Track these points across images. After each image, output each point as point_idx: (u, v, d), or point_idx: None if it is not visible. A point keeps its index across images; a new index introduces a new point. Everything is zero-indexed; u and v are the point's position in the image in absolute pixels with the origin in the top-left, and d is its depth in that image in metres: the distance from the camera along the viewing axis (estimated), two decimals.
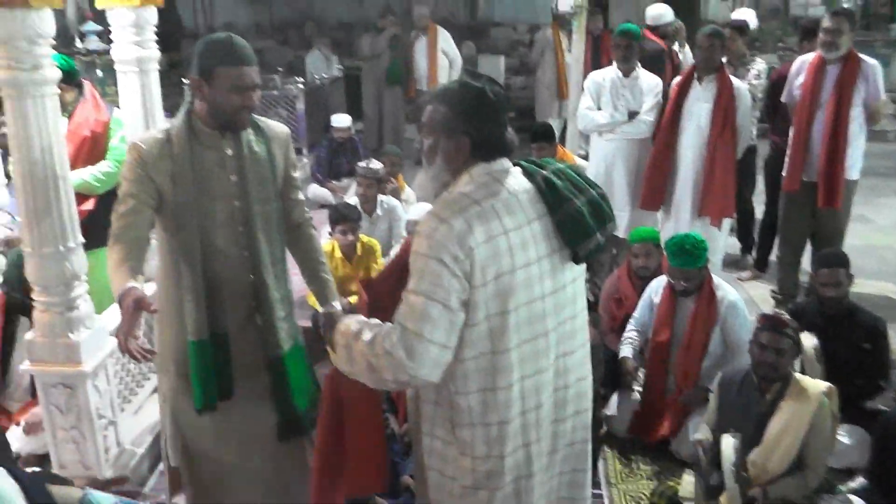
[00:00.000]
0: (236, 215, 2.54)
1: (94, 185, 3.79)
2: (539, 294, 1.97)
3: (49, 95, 2.82)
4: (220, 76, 2.38)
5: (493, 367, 1.95)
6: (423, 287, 1.87)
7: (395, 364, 1.87)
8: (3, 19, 2.65)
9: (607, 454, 3.83)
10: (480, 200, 1.91)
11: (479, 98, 1.98)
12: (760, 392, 3.22)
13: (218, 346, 2.53)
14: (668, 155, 4.96)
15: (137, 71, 3.77)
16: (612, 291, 4.38)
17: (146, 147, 2.43)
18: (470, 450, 2.01)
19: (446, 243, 1.85)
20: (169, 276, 2.55)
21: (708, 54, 4.78)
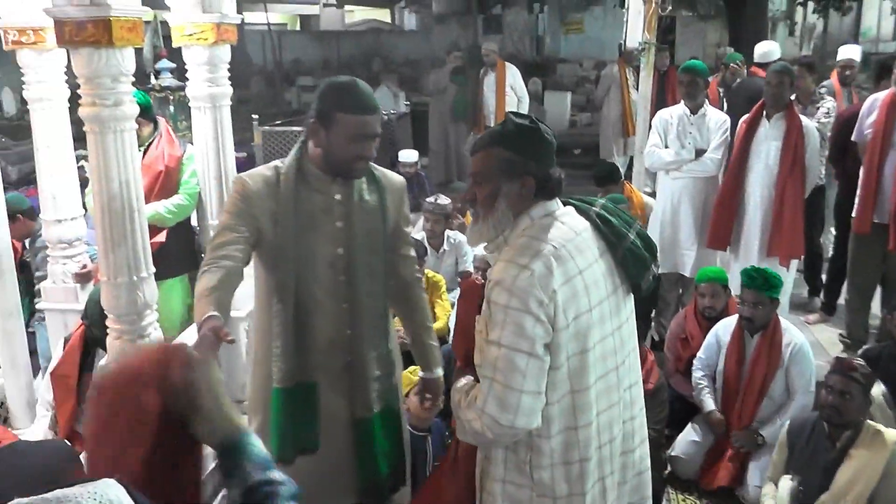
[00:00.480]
0: (338, 264, 2.43)
1: (167, 217, 3.96)
2: (609, 330, 2.01)
3: (128, 130, 2.92)
4: (339, 122, 2.30)
5: (574, 406, 1.96)
6: (507, 339, 1.86)
7: (491, 421, 1.86)
8: (89, 58, 2.76)
9: (671, 495, 3.75)
10: (553, 242, 1.92)
11: (538, 136, 2.01)
12: (830, 439, 3.12)
13: (304, 396, 2.41)
14: (735, 193, 4.89)
15: (211, 107, 3.90)
16: (679, 331, 4.32)
17: (252, 183, 2.38)
18: (550, 491, 2.01)
19: (530, 289, 1.84)
20: (263, 316, 2.47)
21: (777, 91, 4.71)
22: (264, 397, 2.47)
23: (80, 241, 4.05)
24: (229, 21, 3.81)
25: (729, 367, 3.85)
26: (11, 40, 3.64)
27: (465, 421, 1.96)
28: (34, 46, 3.65)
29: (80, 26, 2.70)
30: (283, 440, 2.40)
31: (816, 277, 6.03)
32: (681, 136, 5.11)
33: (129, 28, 2.80)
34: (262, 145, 9.32)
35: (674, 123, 5.16)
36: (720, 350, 3.94)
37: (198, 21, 3.71)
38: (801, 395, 3.70)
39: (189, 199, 4.05)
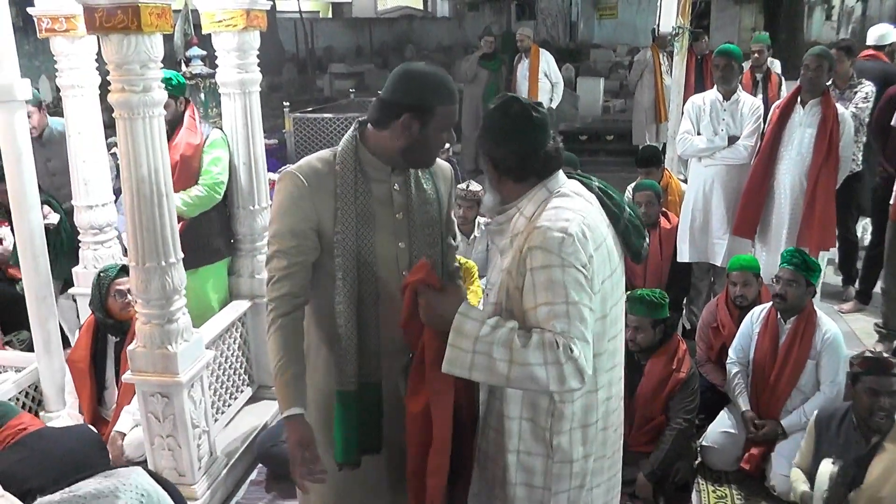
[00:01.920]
0: (400, 259, 2.31)
1: (183, 209, 3.78)
2: (620, 295, 2.13)
3: (157, 116, 2.95)
4: (438, 115, 2.17)
5: (596, 368, 1.99)
6: (574, 296, 1.87)
7: (575, 372, 1.83)
8: (118, 44, 2.78)
9: (701, 486, 3.72)
10: (581, 211, 1.98)
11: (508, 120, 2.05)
12: (862, 432, 3.06)
13: (368, 398, 2.30)
14: (765, 181, 4.79)
15: (240, 93, 3.92)
16: (710, 320, 4.27)
17: (305, 179, 2.20)
18: (568, 455, 2.07)
19: (576, 254, 1.89)
20: (322, 315, 2.32)
21: (815, 75, 4.59)
22: (318, 398, 2.36)
23: (110, 226, 4.09)
24: (259, 7, 3.82)
25: (760, 352, 3.80)
26: (45, 28, 3.69)
27: (520, 362, 1.85)
28: (66, 34, 3.69)
29: (110, 13, 2.72)
30: (348, 444, 2.29)
31: (851, 266, 5.92)
32: (713, 122, 5.02)
33: (157, 14, 2.82)
34: (294, 132, 9.38)
35: (706, 110, 5.06)
36: (753, 338, 3.89)
37: (228, 7, 3.73)
38: (826, 386, 3.64)
39: (209, 189, 3.92)
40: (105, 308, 3.62)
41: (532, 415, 2.06)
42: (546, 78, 9.07)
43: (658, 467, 3.54)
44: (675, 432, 3.58)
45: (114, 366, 3.70)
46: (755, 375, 3.83)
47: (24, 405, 3.77)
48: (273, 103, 11.62)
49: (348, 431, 2.28)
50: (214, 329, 3.83)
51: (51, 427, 3.03)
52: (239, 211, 4.14)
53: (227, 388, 4.02)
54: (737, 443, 3.78)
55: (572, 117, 12.50)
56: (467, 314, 1.97)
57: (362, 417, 2.29)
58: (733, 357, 3.95)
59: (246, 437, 3.89)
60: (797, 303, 3.71)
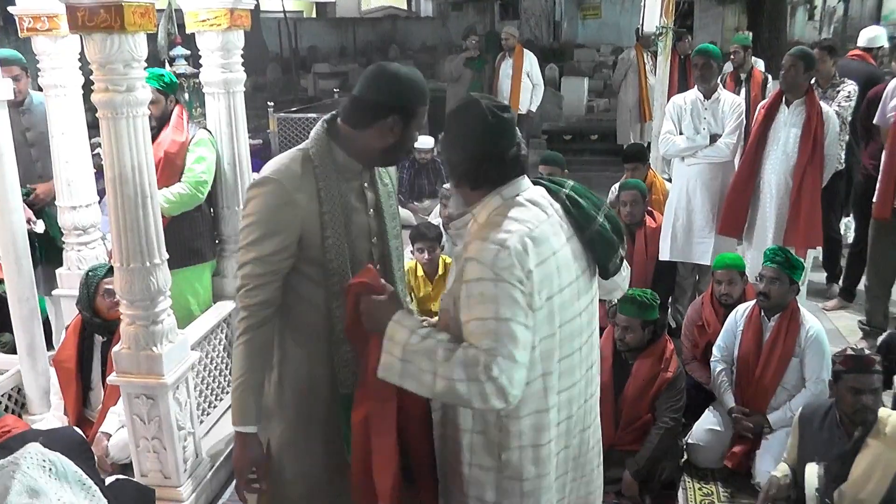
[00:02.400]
0: (374, 254, 2.34)
1: (165, 206, 3.74)
2: (577, 311, 2.01)
3: (141, 116, 2.93)
4: (419, 115, 2.21)
5: (545, 387, 1.95)
6: (505, 312, 1.80)
7: (496, 392, 1.77)
8: (101, 44, 2.76)
9: (687, 483, 3.74)
10: (528, 223, 1.90)
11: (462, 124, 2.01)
12: (844, 428, 3.08)
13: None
14: (751, 180, 4.82)
15: (224, 93, 3.90)
16: (695, 318, 4.29)
17: (288, 183, 2.15)
18: (518, 473, 1.99)
19: (511, 268, 1.81)
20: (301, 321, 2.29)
21: (790, 75, 4.64)
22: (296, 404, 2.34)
23: (94, 227, 4.06)
24: (243, 6, 3.81)
25: (744, 349, 3.82)
26: (27, 27, 3.66)
27: (443, 377, 1.82)
28: (49, 33, 3.66)
29: (93, 12, 2.70)
30: None
31: (835, 264, 5.97)
32: (695, 121, 5.05)
33: (141, 13, 2.80)
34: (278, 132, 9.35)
35: (688, 109, 5.09)
36: (738, 336, 3.91)
37: (211, 7, 3.72)
38: (811, 383, 3.66)
39: (192, 187, 3.89)
40: (93, 308, 3.59)
41: (483, 427, 2.00)
42: (528, 78, 9.08)
43: (644, 466, 3.55)
44: (662, 431, 3.59)
45: (100, 366, 3.67)
46: (739, 373, 3.85)
47: (6, 408, 3.73)
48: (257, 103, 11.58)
49: None
50: (199, 330, 3.81)
51: (35, 429, 3.01)
52: (224, 211, 4.12)
53: (213, 390, 4.00)
54: (722, 440, 3.80)
55: (556, 117, 12.53)
56: (400, 321, 1.96)
57: None
58: (717, 355, 3.96)
59: (231, 438, 3.84)
60: (781, 300, 3.73)
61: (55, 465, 2.07)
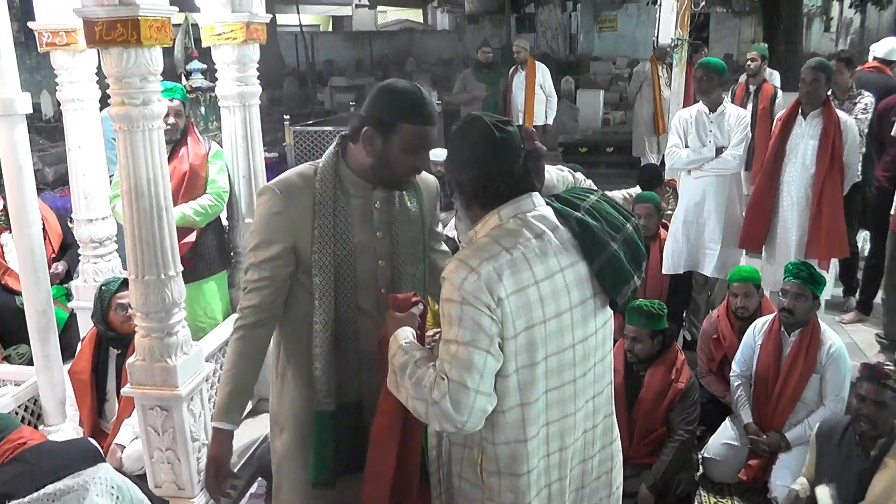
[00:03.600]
0: (380, 276, 2.28)
1: (196, 219, 3.93)
2: (569, 343, 1.91)
3: (157, 129, 2.94)
4: (401, 133, 2.12)
5: (524, 419, 1.88)
6: (465, 335, 1.78)
7: (442, 415, 1.78)
8: (118, 58, 2.78)
9: (703, 498, 3.70)
10: (511, 249, 1.83)
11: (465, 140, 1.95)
12: (862, 446, 3.04)
13: (348, 418, 2.27)
14: (770, 193, 4.80)
15: (240, 106, 3.92)
16: (711, 331, 4.27)
17: (283, 194, 2.20)
18: (497, 497, 1.94)
19: (477, 293, 1.77)
20: (299, 332, 2.30)
21: (812, 88, 4.61)
22: (294, 413, 2.36)
23: (110, 240, 4.09)
24: (258, 20, 3.83)
25: (763, 365, 3.78)
26: (46, 42, 3.69)
27: (407, 395, 1.87)
28: (67, 48, 3.70)
29: (110, 26, 2.72)
30: (324, 464, 2.28)
31: (852, 276, 5.92)
32: (700, 134, 5.03)
33: (157, 27, 2.81)
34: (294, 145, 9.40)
35: (693, 122, 5.08)
36: (756, 350, 3.88)
37: (227, 20, 3.74)
38: (830, 401, 3.63)
39: (217, 198, 4.02)
40: (106, 321, 3.62)
41: (470, 444, 1.98)
42: (542, 91, 9.07)
43: (660, 479, 3.53)
44: (677, 444, 3.56)
45: (115, 378, 3.69)
46: (758, 388, 3.81)
47: (23, 419, 3.75)
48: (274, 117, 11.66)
49: (324, 451, 2.27)
50: (214, 342, 3.81)
51: (51, 441, 3.01)
52: (239, 224, 4.14)
53: None
54: (739, 455, 3.77)
55: (572, 129, 12.53)
56: (396, 336, 1.98)
57: (340, 438, 2.28)
58: (736, 370, 3.94)
59: (245, 450, 3.87)
60: (804, 316, 3.70)
61: (122, 491, 2.05)
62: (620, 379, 3.64)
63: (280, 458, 2.44)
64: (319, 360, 2.22)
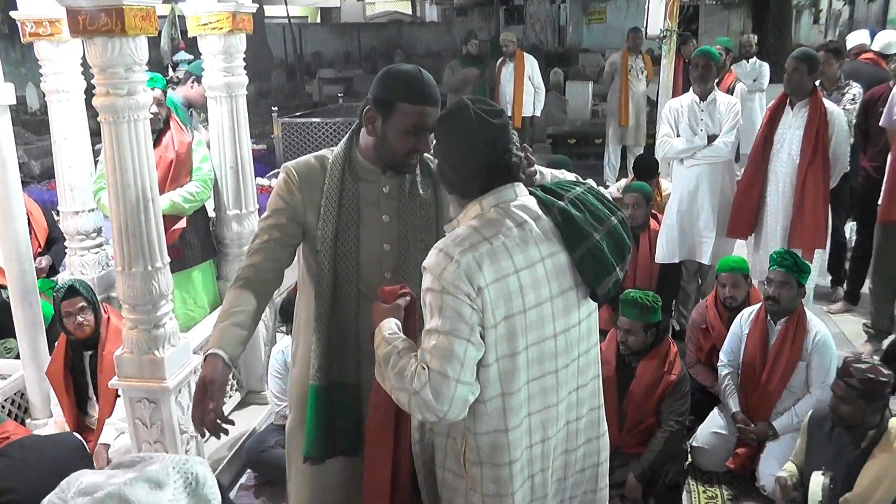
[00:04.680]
0: (384, 261, 2.29)
1: (184, 206, 3.90)
2: (550, 333, 1.91)
3: (142, 120, 2.92)
4: (399, 112, 2.14)
5: (504, 409, 1.88)
6: (445, 325, 1.78)
7: (423, 405, 1.78)
8: (102, 47, 2.75)
9: (692, 486, 3.72)
10: (491, 238, 1.83)
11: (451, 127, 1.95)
12: (853, 438, 3.04)
13: (342, 396, 2.29)
14: (757, 182, 4.81)
15: (227, 96, 3.90)
16: (700, 321, 4.27)
17: (296, 172, 2.28)
18: (480, 487, 1.94)
19: (457, 282, 1.77)
20: (306, 309, 2.37)
21: (794, 78, 4.61)
22: (299, 394, 2.40)
23: (97, 232, 4.07)
24: (245, 10, 3.81)
25: (750, 353, 3.79)
26: (29, 32, 3.66)
27: (391, 385, 1.87)
28: (50, 38, 3.67)
29: (94, 16, 2.69)
30: (315, 440, 2.30)
31: (840, 267, 5.94)
32: (692, 123, 5.04)
33: (142, 17, 2.79)
34: (282, 137, 9.35)
35: (684, 112, 5.08)
36: (743, 340, 3.89)
37: (213, 10, 3.72)
38: (817, 388, 3.64)
39: (204, 185, 3.99)
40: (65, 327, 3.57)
41: (454, 434, 1.98)
42: (530, 82, 9.05)
43: (648, 469, 3.53)
44: (667, 434, 3.57)
45: (91, 378, 3.66)
46: (745, 377, 3.83)
47: (9, 413, 3.73)
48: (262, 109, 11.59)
49: (316, 427, 2.29)
50: (202, 334, 3.79)
51: (35, 435, 3.00)
52: (226, 215, 4.11)
53: None
54: (727, 444, 3.78)
55: (561, 121, 12.52)
56: (381, 328, 1.98)
57: (335, 416, 2.30)
58: (724, 360, 3.94)
59: (234, 442, 3.86)
60: (789, 305, 3.71)
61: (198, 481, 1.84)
62: (612, 370, 3.63)
63: (288, 437, 2.50)
64: (317, 334, 2.27)
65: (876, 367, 2.98)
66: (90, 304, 3.54)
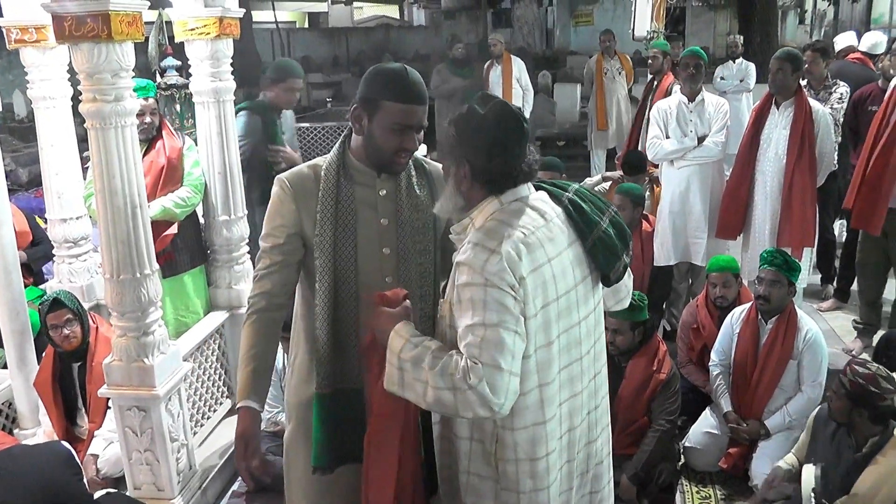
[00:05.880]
0: (384, 266, 2.27)
1: (175, 211, 3.87)
2: (576, 320, 1.98)
3: (129, 126, 2.91)
4: (384, 110, 2.13)
5: (542, 400, 1.91)
6: (492, 317, 1.77)
7: (478, 400, 1.75)
8: (89, 53, 2.74)
9: (685, 487, 3.72)
10: (523, 228, 1.87)
11: (480, 125, 1.93)
12: (856, 440, 3.03)
13: (346, 403, 2.26)
14: (744, 183, 4.82)
15: (214, 102, 3.88)
16: (690, 321, 4.28)
17: (290, 182, 2.24)
18: (515, 485, 1.94)
19: (502, 273, 1.79)
20: (305, 316, 2.35)
21: (778, 78, 4.64)
22: (299, 403, 2.37)
23: (85, 240, 4.04)
24: (231, 15, 3.79)
25: (741, 352, 3.79)
26: (14, 39, 3.65)
27: (425, 388, 1.83)
28: (37, 44, 3.65)
29: (80, 21, 2.68)
30: (323, 448, 2.27)
31: (829, 264, 5.95)
32: (681, 124, 5.05)
33: (128, 22, 2.78)
34: None
35: (673, 113, 5.09)
36: (734, 339, 3.89)
37: (200, 15, 3.70)
38: (808, 386, 3.65)
39: (195, 190, 3.97)
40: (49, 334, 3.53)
41: (480, 436, 1.98)
42: (518, 84, 9.05)
43: (641, 469, 3.53)
44: (658, 434, 3.56)
45: (80, 389, 3.63)
46: (736, 376, 3.83)
47: None
48: None
49: (324, 435, 2.26)
50: (192, 341, 3.78)
51: (23, 445, 2.98)
52: (215, 221, 4.09)
53: (206, 401, 3.97)
54: (720, 443, 3.78)
55: (549, 123, 12.53)
56: (399, 331, 1.95)
57: (339, 423, 2.27)
58: (716, 359, 3.94)
59: (226, 449, 3.83)
60: (780, 303, 3.71)
61: None
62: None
63: (286, 447, 2.45)
64: (320, 342, 2.24)
65: (875, 375, 2.93)
66: (76, 315, 3.50)
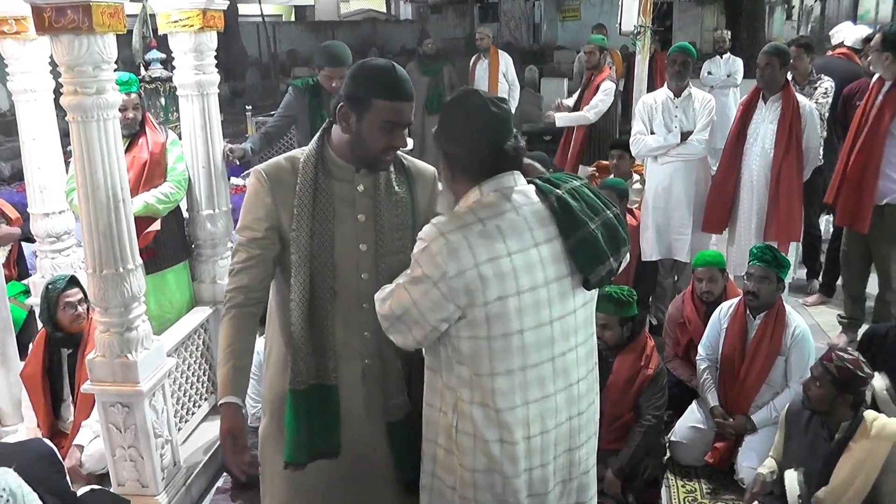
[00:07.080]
0: (361, 262, 2.24)
1: (158, 207, 3.81)
2: (547, 319, 1.95)
3: (111, 119, 2.87)
4: (375, 109, 2.09)
5: (493, 388, 1.93)
6: (415, 293, 1.92)
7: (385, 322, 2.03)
8: (69, 45, 2.70)
9: (670, 481, 3.72)
10: (485, 219, 1.89)
11: (457, 115, 1.99)
12: (828, 430, 3.05)
13: (319, 399, 2.24)
14: (731, 176, 4.83)
15: (198, 95, 3.84)
16: (677, 316, 4.28)
17: (267, 174, 2.21)
18: (470, 462, 1.97)
19: (437, 258, 1.86)
20: (279, 312, 2.33)
21: (766, 72, 4.65)
22: (273, 397, 2.36)
23: (68, 234, 4.00)
24: (215, 7, 3.75)
25: (729, 347, 3.79)
26: None
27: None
28: (17, 36, 3.60)
29: (60, 12, 2.64)
30: (296, 444, 2.23)
31: (815, 259, 5.98)
32: (666, 120, 5.04)
33: (110, 13, 2.74)
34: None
35: (658, 108, 5.08)
36: (722, 333, 3.89)
37: (183, 7, 3.66)
38: (795, 382, 3.65)
39: (178, 185, 3.91)
40: (55, 321, 3.51)
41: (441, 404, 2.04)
42: (504, 79, 9.02)
43: (627, 464, 3.53)
44: (645, 429, 3.57)
45: (69, 379, 3.59)
46: (724, 371, 3.83)
47: None
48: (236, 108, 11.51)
49: (297, 431, 2.24)
50: (176, 336, 3.75)
51: (3, 443, 2.94)
52: (199, 215, 4.06)
53: (190, 396, 3.94)
54: (706, 438, 3.78)
55: (536, 118, 12.51)
56: None
57: (314, 419, 2.25)
58: (703, 354, 3.95)
59: (210, 445, 3.81)
60: (769, 299, 3.72)
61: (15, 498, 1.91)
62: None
63: (261, 441, 2.44)
64: (295, 337, 2.22)
65: (858, 361, 2.98)
66: (86, 297, 3.49)
